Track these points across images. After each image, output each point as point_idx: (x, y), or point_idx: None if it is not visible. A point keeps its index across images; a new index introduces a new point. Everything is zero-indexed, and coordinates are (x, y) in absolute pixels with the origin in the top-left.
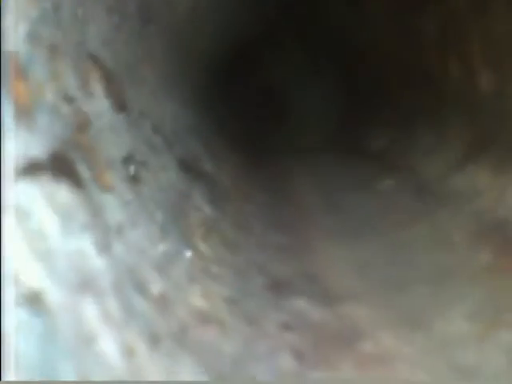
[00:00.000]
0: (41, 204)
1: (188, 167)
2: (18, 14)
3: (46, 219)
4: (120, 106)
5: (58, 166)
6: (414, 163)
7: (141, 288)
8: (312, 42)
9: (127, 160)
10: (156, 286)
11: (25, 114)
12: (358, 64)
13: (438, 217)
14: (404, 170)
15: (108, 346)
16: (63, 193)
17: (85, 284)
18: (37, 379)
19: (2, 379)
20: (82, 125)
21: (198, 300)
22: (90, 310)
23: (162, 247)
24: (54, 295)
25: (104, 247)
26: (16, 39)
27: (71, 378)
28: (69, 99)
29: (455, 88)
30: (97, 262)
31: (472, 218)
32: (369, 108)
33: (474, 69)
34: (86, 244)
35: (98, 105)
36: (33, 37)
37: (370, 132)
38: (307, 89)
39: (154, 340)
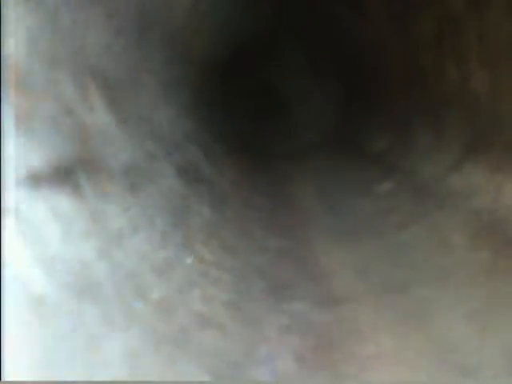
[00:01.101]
0: (42, 212)
1: (187, 173)
2: (17, 23)
3: (48, 227)
4: (119, 113)
5: (59, 174)
6: (412, 164)
7: (142, 293)
8: (311, 42)
9: (127, 167)
10: (157, 291)
11: (25, 124)
12: (356, 65)
13: (437, 218)
14: (402, 171)
15: (110, 350)
16: (64, 201)
17: (86, 289)
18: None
19: (2, 379)
20: (82, 134)
21: (198, 304)
22: (91, 315)
23: (162, 252)
24: (56, 301)
25: (105, 253)
26: (15, 47)
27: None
28: (68, 109)
29: (452, 89)
30: (98, 268)
31: (470, 218)
32: (367, 109)
33: (471, 70)
34: (87, 250)
35: (98, 114)
36: (31, 45)
37: (369, 134)
38: (306, 91)
39: (154, 344)
